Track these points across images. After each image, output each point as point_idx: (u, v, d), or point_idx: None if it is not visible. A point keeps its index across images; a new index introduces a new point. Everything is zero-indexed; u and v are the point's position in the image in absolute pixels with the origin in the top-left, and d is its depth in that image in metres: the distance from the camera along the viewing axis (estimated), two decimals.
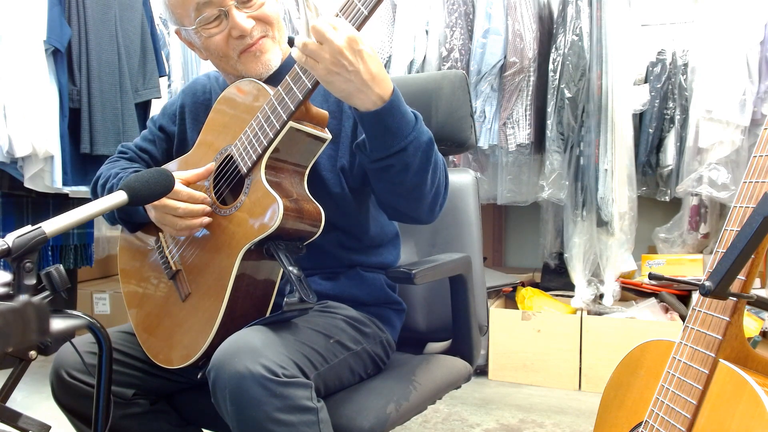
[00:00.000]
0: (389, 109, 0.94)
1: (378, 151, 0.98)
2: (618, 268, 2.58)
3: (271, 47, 1.15)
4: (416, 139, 0.98)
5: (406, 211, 1.09)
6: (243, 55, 1.13)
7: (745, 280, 0.94)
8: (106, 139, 2.31)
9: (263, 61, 1.14)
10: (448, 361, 1.29)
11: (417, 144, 0.98)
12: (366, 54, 0.90)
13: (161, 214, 1.09)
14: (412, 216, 1.10)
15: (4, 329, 0.72)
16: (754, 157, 0.97)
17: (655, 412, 1.04)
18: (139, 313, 1.20)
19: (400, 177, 1.00)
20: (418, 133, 0.99)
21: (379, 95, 0.93)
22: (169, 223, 1.09)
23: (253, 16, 1.11)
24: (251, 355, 0.90)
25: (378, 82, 0.93)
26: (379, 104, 0.94)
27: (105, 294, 3.11)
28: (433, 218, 1.11)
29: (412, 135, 0.98)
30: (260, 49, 1.13)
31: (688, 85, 2.66)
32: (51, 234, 0.81)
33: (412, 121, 0.98)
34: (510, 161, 2.78)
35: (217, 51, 1.14)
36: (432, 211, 1.09)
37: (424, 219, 1.10)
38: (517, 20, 2.56)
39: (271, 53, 1.14)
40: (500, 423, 2.16)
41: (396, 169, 0.99)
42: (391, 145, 0.97)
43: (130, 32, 2.45)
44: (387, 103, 0.94)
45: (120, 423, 1.14)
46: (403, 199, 1.05)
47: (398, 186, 1.02)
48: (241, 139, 1.08)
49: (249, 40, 1.12)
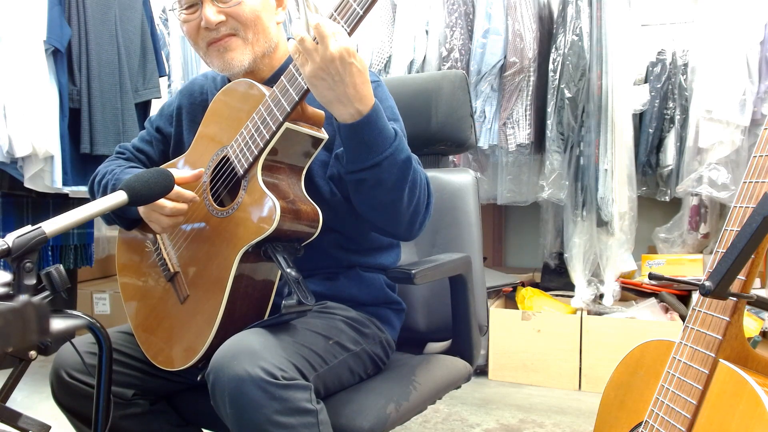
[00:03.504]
0: (365, 123, 0.95)
1: (352, 164, 0.99)
2: (618, 268, 2.58)
3: (239, 47, 1.14)
4: (392, 156, 0.98)
5: (383, 226, 1.09)
6: (209, 48, 1.15)
7: (745, 280, 0.94)
8: (106, 139, 2.31)
9: (226, 58, 1.14)
10: (448, 361, 1.29)
11: (392, 161, 0.98)
12: (355, 68, 0.91)
13: (149, 211, 1.09)
14: (389, 231, 1.10)
15: (4, 329, 0.72)
16: (754, 157, 0.97)
17: (655, 412, 1.04)
18: (138, 314, 1.20)
19: (373, 192, 1.01)
20: (394, 150, 0.98)
21: (358, 109, 0.95)
22: (155, 220, 1.10)
23: (225, 12, 1.11)
24: (250, 358, 0.90)
25: (360, 98, 0.94)
26: (356, 117, 0.95)
27: (105, 294, 3.11)
28: (412, 236, 1.10)
29: (388, 151, 0.98)
30: (225, 45, 1.13)
31: (688, 85, 2.67)
32: (51, 234, 0.81)
33: (390, 138, 0.98)
34: (510, 161, 2.78)
35: (189, 38, 1.17)
36: (410, 229, 1.08)
37: (402, 236, 1.10)
38: (517, 20, 2.56)
39: (238, 53, 1.14)
40: (500, 423, 2.16)
41: (369, 184, 1.00)
42: (365, 159, 0.97)
43: (130, 32, 2.45)
44: (364, 117, 0.95)
45: (120, 423, 1.14)
46: (379, 214, 1.05)
47: (372, 200, 1.03)
48: (237, 140, 1.07)
49: (215, 35, 1.13)
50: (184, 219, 1.10)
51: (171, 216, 1.08)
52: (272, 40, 1.18)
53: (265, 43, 1.17)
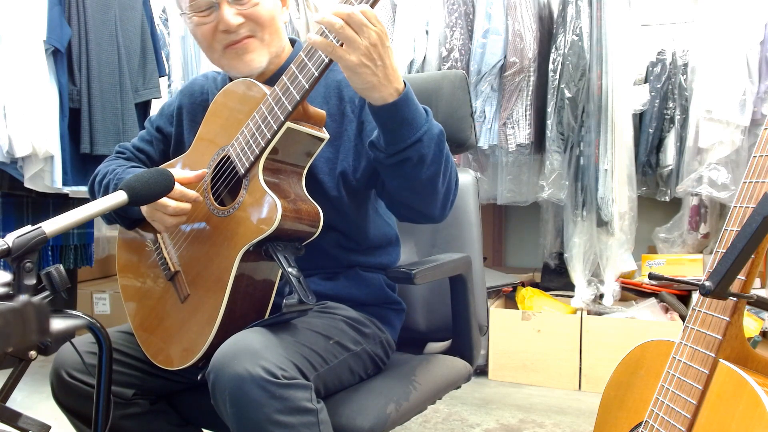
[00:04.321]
0: (405, 100, 0.96)
1: (395, 144, 0.99)
2: (618, 268, 2.58)
3: (257, 48, 1.14)
4: (429, 130, 1.00)
5: (420, 208, 1.08)
6: (227, 50, 1.14)
7: (745, 280, 0.94)
8: (106, 139, 2.31)
9: (245, 60, 1.14)
10: (448, 361, 1.29)
11: (431, 135, 1.00)
12: (390, 50, 0.93)
13: (152, 210, 1.09)
14: (425, 213, 1.09)
15: (4, 329, 0.72)
16: (754, 157, 0.97)
17: (655, 412, 1.04)
18: (138, 313, 1.20)
19: (416, 170, 1.01)
20: (430, 123, 1.00)
21: (396, 88, 0.95)
22: (159, 219, 1.09)
23: (243, 14, 1.11)
24: (251, 357, 0.90)
25: (396, 77, 0.95)
26: (395, 96, 0.95)
27: (105, 294, 3.11)
28: (445, 215, 1.11)
29: (425, 126, 0.99)
30: (244, 47, 1.13)
31: (688, 85, 2.67)
32: (51, 234, 0.81)
33: (423, 113, 1.00)
34: (510, 161, 2.78)
35: (203, 41, 1.15)
36: (444, 207, 1.09)
37: (437, 215, 1.10)
38: (517, 20, 2.56)
39: (256, 54, 1.14)
40: (500, 423, 2.16)
41: (412, 162, 1.00)
42: (408, 137, 0.98)
43: (130, 32, 2.45)
44: (403, 95, 0.96)
45: (120, 423, 1.14)
46: (418, 194, 1.05)
47: (413, 181, 1.03)
48: (239, 139, 1.08)
49: (234, 37, 1.12)
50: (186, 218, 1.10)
51: (174, 215, 1.08)
52: (283, 40, 1.19)
53: (278, 43, 1.17)
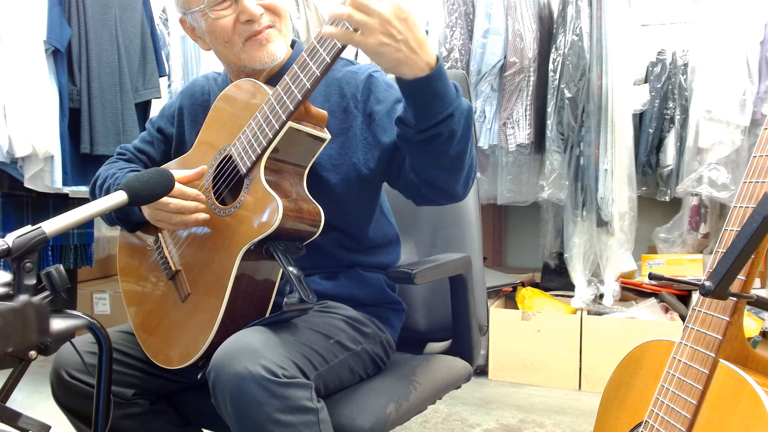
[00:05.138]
0: (438, 74, 0.93)
1: (426, 120, 0.96)
2: (618, 268, 2.58)
3: (277, 38, 1.15)
4: (460, 105, 0.98)
5: (445, 186, 1.06)
6: (248, 42, 1.13)
7: (745, 280, 0.94)
8: (106, 139, 2.31)
9: (269, 50, 1.14)
10: (448, 361, 1.29)
11: (461, 110, 0.98)
12: (411, 21, 0.90)
13: (154, 210, 1.09)
14: (449, 191, 1.08)
15: (4, 329, 0.72)
16: (754, 157, 0.97)
17: (655, 412, 1.04)
18: (139, 313, 1.20)
19: (445, 146, 0.99)
20: (461, 100, 0.98)
21: (426, 62, 0.92)
22: (164, 219, 1.09)
23: (263, 5, 1.12)
24: (251, 355, 0.90)
25: (424, 48, 0.92)
26: (426, 71, 0.93)
27: (105, 294, 3.11)
28: (467, 193, 1.10)
29: (457, 101, 0.97)
30: (266, 38, 1.13)
31: (688, 85, 2.67)
32: (51, 234, 0.81)
33: (453, 88, 0.98)
34: (510, 161, 2.78)
35: (222, 35, 1.13)
36: (467, 184, 1.08)
37: (461, 193, 1.09)
38: (517, 20, 2.56)
39: (277, 44, 1.14)
40: (500, 423, 2.16)
41: (443, 138, 0.97)
42: (441, 111, 0.95)
43: (130, 32, 2.45)
44: (435, 69, 0.93)
45: (120, 423, 1.14)
46: (444, 171, 1.04)
47: (442, 157, 1.01)
48: (240, 139, 1.08)
49: (256, 27, 1.12)
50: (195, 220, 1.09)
51: (176, 213, 1.07)
52: (291, 33, 1.20)
53: (290, 35, 1.19)
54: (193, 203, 1.08)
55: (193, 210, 1.08)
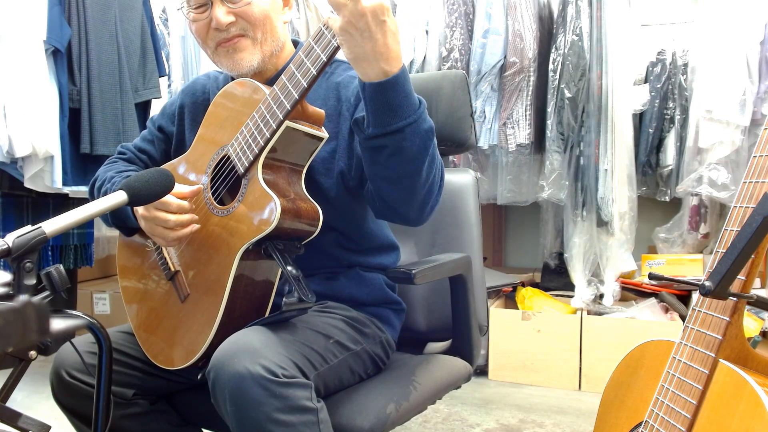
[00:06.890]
0: (393, 84, 0.91)
1: (374, 128, 0.95)
2: (618, 268, 2.58)
3: (248, 47, 1.14)
4: (415, 123, 0.94)
5: (395, 205, 1.04)
6: (218, 48, 1.15)
7: (745, 280, 0.94)
8: (106, 139, 2.31)
9: (236, 59, 1.14)
10: (448, 361, 1.29)
11: (416, 129, 0.94)
12: (387, 27, 0.88)
13: (152, 225, 1.08)
14: (399, 212, 1.04)
15: (4, 329, 0.72)
16: (754, 157, 0.97)
17: (655, 412, 1.04)
18: (139, 313, 1.20)
19: (392, 161, 0.96)
20: (418, 118, 0.95)
21: (383, 69, 0.90)
22: (160, 235, 1.08)
23: (234, 12, 1.11)
24: (251, 355, 0.90)
25: (387, 58, 0.90)
26: (381, 77, 0.91)
27: (105, 294, 3.11)
28: (422, 220, 1.06)
29: (411, 118, 0.94)
30: (234, 46, 1.13)
31: (688, 85, 2.67)
32: (51, 234, 0.81)
33: (415, 104, 0.95)
34: (510, 161, 2.78)
35: (197, 38, 1.17)
36: (422, 210, 1.03)
37: (413, 218, 1.05)
38: (517, 20, 2.56)
39: (247, 53, 1.14)
40: (500, 423, 2.16)
41: (389, 151, 0.95)
42: (389, 123, 0.93)
43: (130, 32, 2.45)
44: (392, 77, 0.91)
45: (120, 423, 1.14)
46: (394, 188, 1.00)
47: (390, 171, 0.98)
48: (238, 138, 1.08)
49: (225, 35, 1.13)
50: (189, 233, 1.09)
51: (174, 229, 1.07)
52: (279, 40, 1.18)
53: (273, 42, 1.16)
54: (191, 216, 1.08)
55: (190, 223, 1.08)
